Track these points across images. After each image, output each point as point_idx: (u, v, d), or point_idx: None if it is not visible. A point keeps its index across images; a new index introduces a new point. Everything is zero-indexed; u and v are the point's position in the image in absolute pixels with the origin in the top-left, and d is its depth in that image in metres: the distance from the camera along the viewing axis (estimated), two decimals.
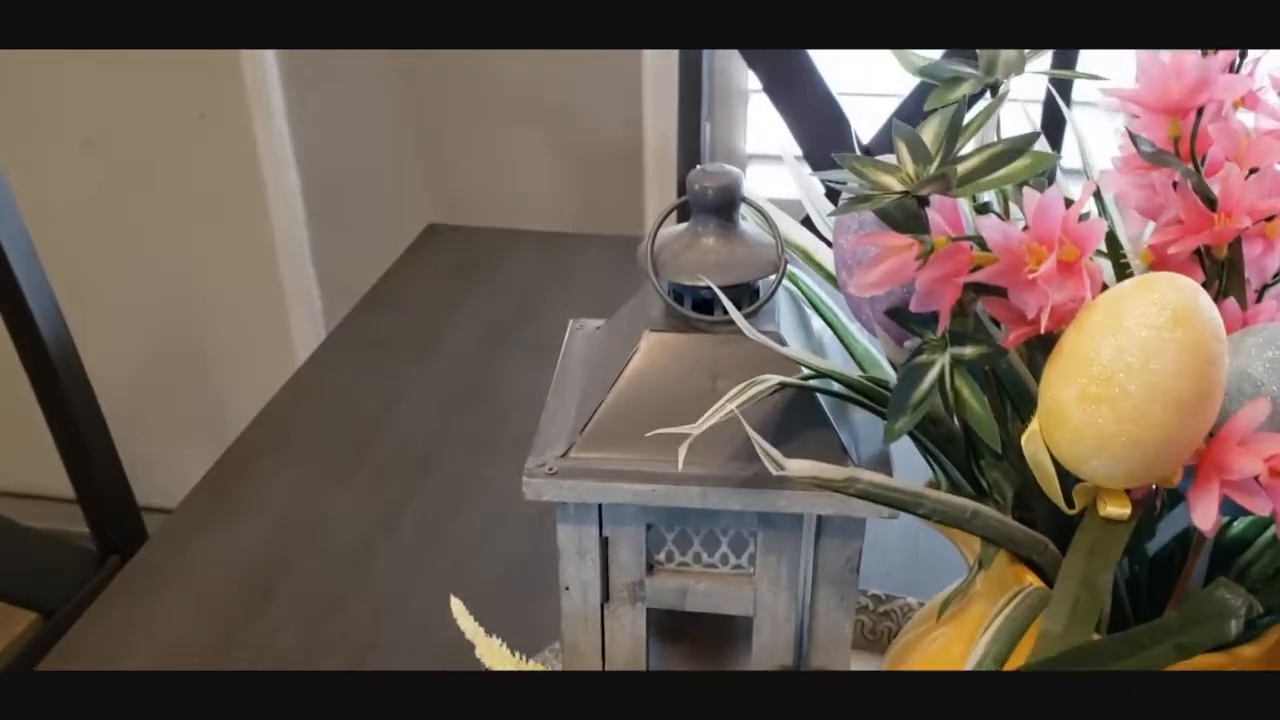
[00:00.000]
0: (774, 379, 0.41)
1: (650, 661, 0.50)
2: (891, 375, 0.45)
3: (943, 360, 0.38)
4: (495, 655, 0.47)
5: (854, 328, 0.49)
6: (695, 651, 0.51)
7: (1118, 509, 0.35)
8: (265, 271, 1.56)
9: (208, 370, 1.64)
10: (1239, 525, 0.43)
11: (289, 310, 1.57)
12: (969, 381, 0.37)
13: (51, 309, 1.01)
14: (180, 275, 1.60)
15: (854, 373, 0.44)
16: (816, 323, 0.50)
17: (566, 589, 0.48)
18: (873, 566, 0.74)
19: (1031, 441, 0.36)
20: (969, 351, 0.37)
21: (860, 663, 0.51)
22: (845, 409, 0.46)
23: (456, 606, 0.49)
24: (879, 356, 0.48)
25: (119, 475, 1.10)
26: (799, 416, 0.44)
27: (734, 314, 0.41)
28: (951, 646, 0.47)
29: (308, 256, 1.55)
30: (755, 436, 0.37)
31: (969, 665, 0.35)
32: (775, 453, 0.37)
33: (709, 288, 0.44)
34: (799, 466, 0.37)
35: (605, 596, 0.48)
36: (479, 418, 0.92)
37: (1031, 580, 0.40)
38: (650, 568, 0.47)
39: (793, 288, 0.50)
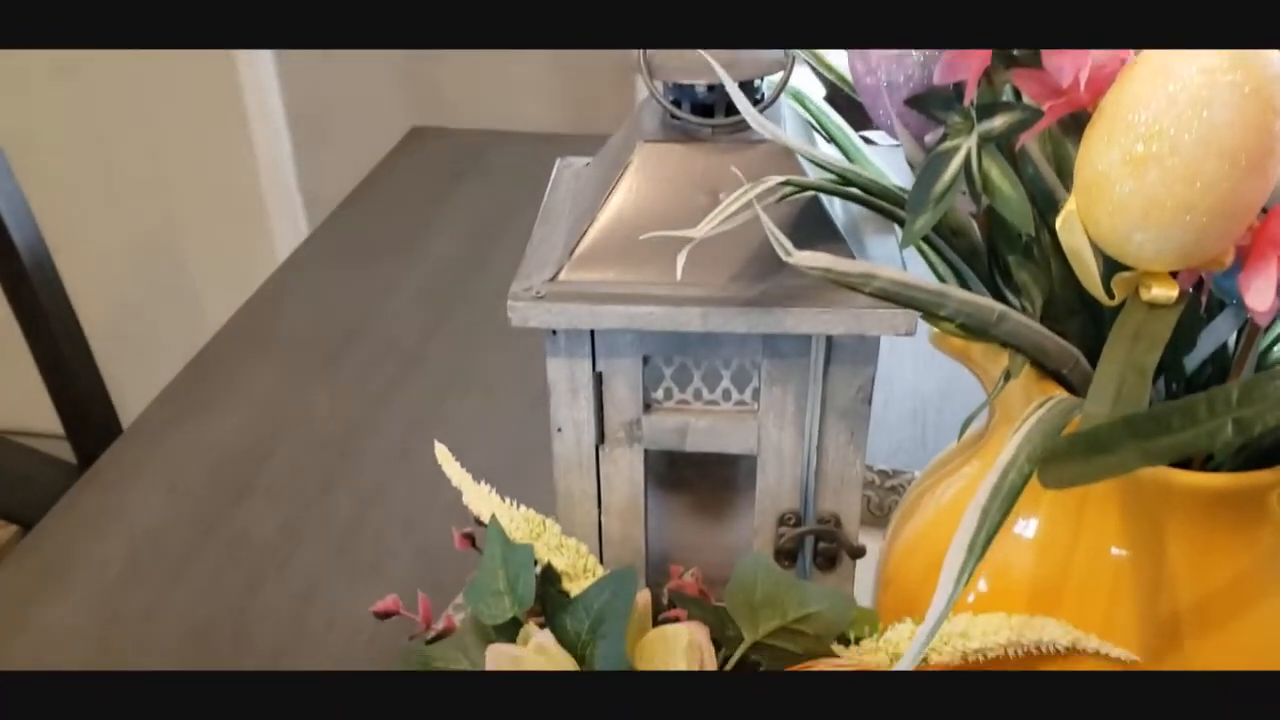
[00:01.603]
0: (781, 179, 0.37)
1: (649, 510, 0.47)
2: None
3: (969, 143, 0.34)
4: (483, 500, 0.44)
5: (865, 149, 0.46)
6: (696, 501, 0.48)
7: (1164, 290, 0.32)
8: (248, 191, 1.52)
9: (191, 294, 1.60)
10: None
11: (273, 232, 1.53)
12: (998, 161, 0.34)
13: (33, 233, 0.97)
14: (161, 198, 1.56)
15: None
16: (824, 148, 0.46)
17: (559, 430, 0.44)
18: (879, 444, 0.72)
19: (1067, 225, 0.33)
20: (999, 122, 0.33)
21: (866, 538, 0.48)
22: (856, 229, 0.43)
23: (441, 452, 0.46)
24: (891, 178, 0.44)
25: (102, 394, 1.06)
26: (807, 228, 0.40)
27: (743, 105, 0.38)
28: (969, 491, 0.44)
29: (291, 174, 1.50)
30: (765, 219, 0.34)
31: (997, 467, 0.32)
32: (784, 239, 0.34)
33: (708, 89, 0.40)
34: (811, 257, 0.34)
35: (600, 438, 0.44)
36: (466, 314, 0.89)
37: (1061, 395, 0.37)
38: (648, 406, 0.44)
39: (797, 108, 0.46)
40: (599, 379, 0.43)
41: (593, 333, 0.42)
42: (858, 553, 0.46)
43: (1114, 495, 0.38)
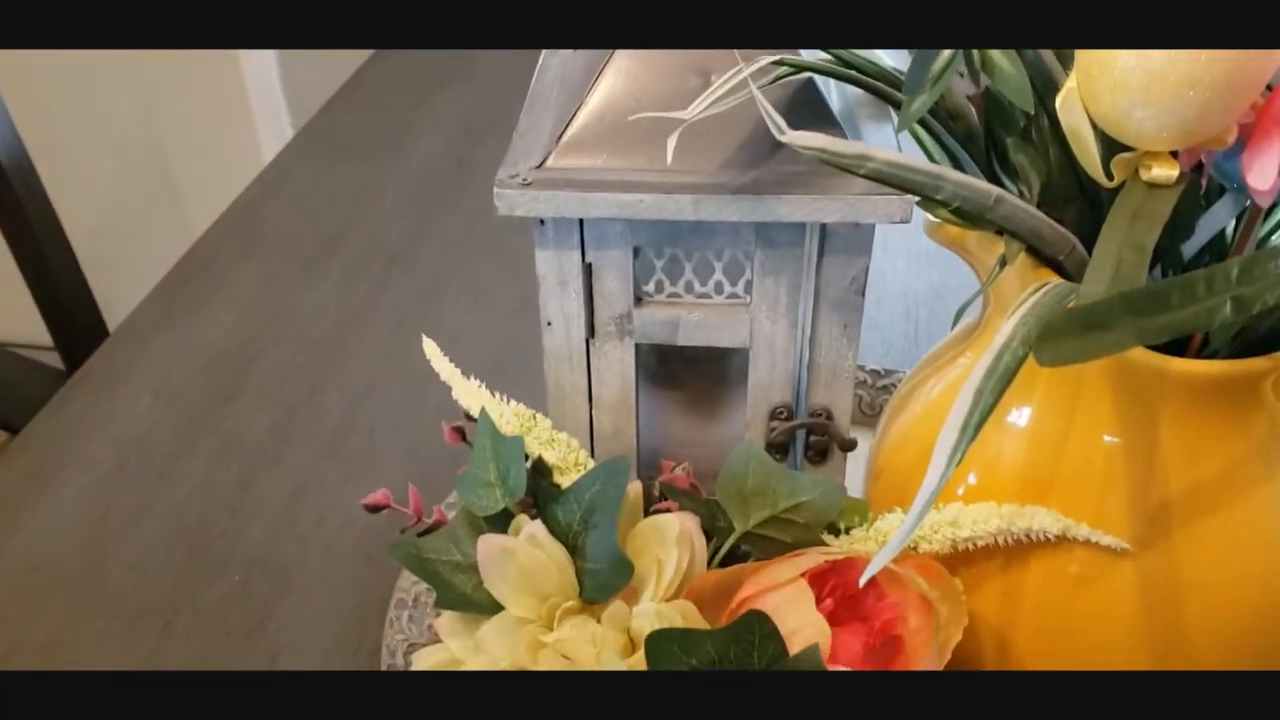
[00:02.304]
0: (775, 56, 0.36)
1: (640, 406, 0.46)
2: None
3: None
4: (473, 395, 0.44)
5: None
6: (688, 396, 0.48)
7: (1164, 169, 0.31)
8: (232, 90, 1.48)
9: (175, 197, 1.58)
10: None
11: (258, 132, 1.51)
12: None
13: (11, 138, 0.95)
14: (142, 98, 1.53)
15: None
16: None
17: (548, 324, 0.44)
18: (872, 344, 0.71)
19: (1067, 103, 0.32)
20: None
21: (858, 438, 0.48)
22: (852, 117, 0.42)
23: (430, 348, 0.45)
24: (888, 60, 0.43)
25: (88, 301, 1.05)
26: (802, 112, 0.39)
27: None
28: (963, 381, 0.43)
29: (275, 73, 1.47)
30: (760, 97, 0.33)
31: (992, 349, 0.32)
32: (778, 118, 0.33)
33: None
34: (805, 137, 0.33)
35: (591, 331, 0.44)
36: (454, 215, 0.87)
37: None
38: (639, 299, 0.43)
39: None
40: (588, 270, 0.42)
41: (581, 222, 0.41)
42: (849, 446, 0.45)
43: (1108, 382, 0.38)
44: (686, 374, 0.48)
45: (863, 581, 0.33)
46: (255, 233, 0.86)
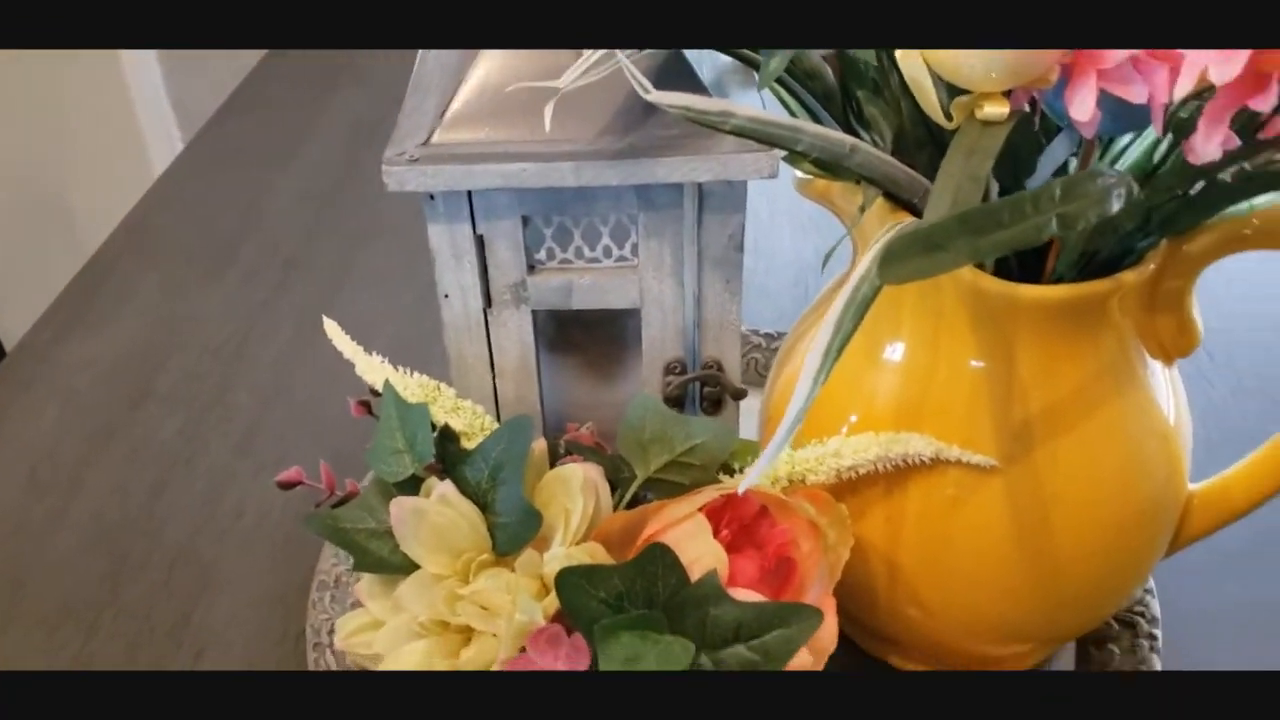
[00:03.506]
0: None
1: (542, 372, 0.48)
2: None
3: None
4: (377, 370, 0.46)
5: None
6: (587, 361, 0.50)
7: (995, 108, 0.34)
8: (118, 107, 1.47)
9: (65, 216, 1.56)
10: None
11: (147, 148, 1.49)
12: None
13: None
14: (28, 117, 1.50)
15: None
16: None
17: (445, 296, 0.46)
18: (763, 310, 0.75)
19: (907, 55, 0.35)
20: None
21: (752, 393, 0.51)
22: (721, 85, 0.44)
23: (331, 327, 0.47)
24: None
25: None
26: (671, 80, 0.42)
27: None
28: None
29: (161, 87, 1.46)
30: (625, 62, 0.35)
31: (851, 282, 0.34)
32: (644, 79, 0.35)
33: None
34: (670, 96, 0.35)
35: (487, 301, 0.46)
36: (350, 213, 0.88)
37: None
38: (531, 267, 0.46)
39: None
40: (480, 242, 0.44)
41: (470, 195, 0.43)
42: (740, 394, 0.48)
43: (966, 313, 0.41)
44: (584, 339, 0.50)
45: (741, 489, 0.36)
46: (151, 243, 0.86)
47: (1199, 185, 0.38)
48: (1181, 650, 0.53)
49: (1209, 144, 0.31)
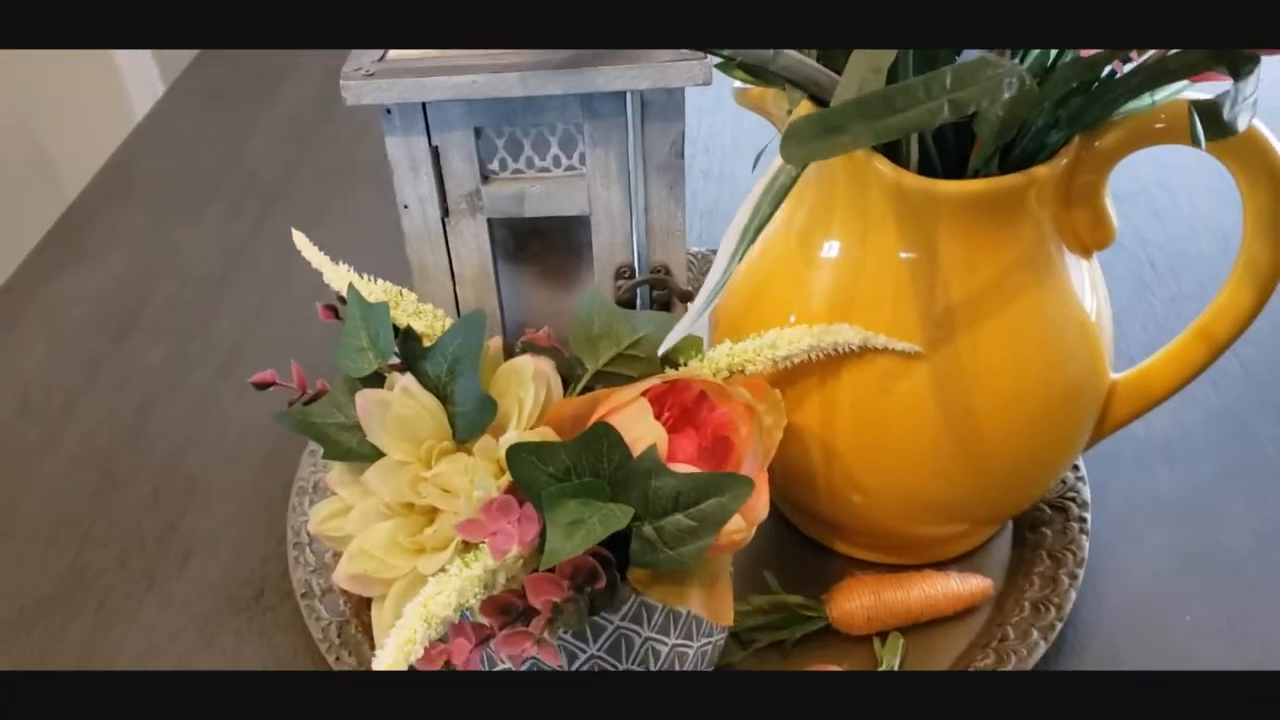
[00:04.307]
0: None
1: (501, 282, 0.51)
2: None
3: None
4: (342, 277, 0.48)
5: None
6: (544, 270, 0.53)
7: None
8: (102, 62, 1.48)
9: (50, 173, 1.57)
10: None
11: (129, 93, 1.50)
12: None
13: None
14: (8, 85, 1.51)
15: None
16: None
17: (405, 207, 0.48)
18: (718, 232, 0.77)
19: None
20: None
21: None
22: None
23: (298, 238, 0.50)
24: None
25: None
26: None
27: None
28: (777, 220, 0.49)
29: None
30: None
31: (769, 171, 0.37)
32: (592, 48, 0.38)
33: None
34: None
35: (444, 211, 0.49)
36: (326, 151, 0.91)
37: None
38: (485, 178, 0.48)
39: None
40: (436, 153, 0.47)
41: (425, 107, 0.46)
42: (686, 296, 0.51)
43: (891, 209, 0.44)
44: (540, 248, 0.53)
45: (663, 350, 0.39)
46: (134, 183, 0.89)
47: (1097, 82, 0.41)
48: (1111, 533, 0.56)
49: None
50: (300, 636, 0.53)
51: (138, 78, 1.50)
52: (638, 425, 0.42)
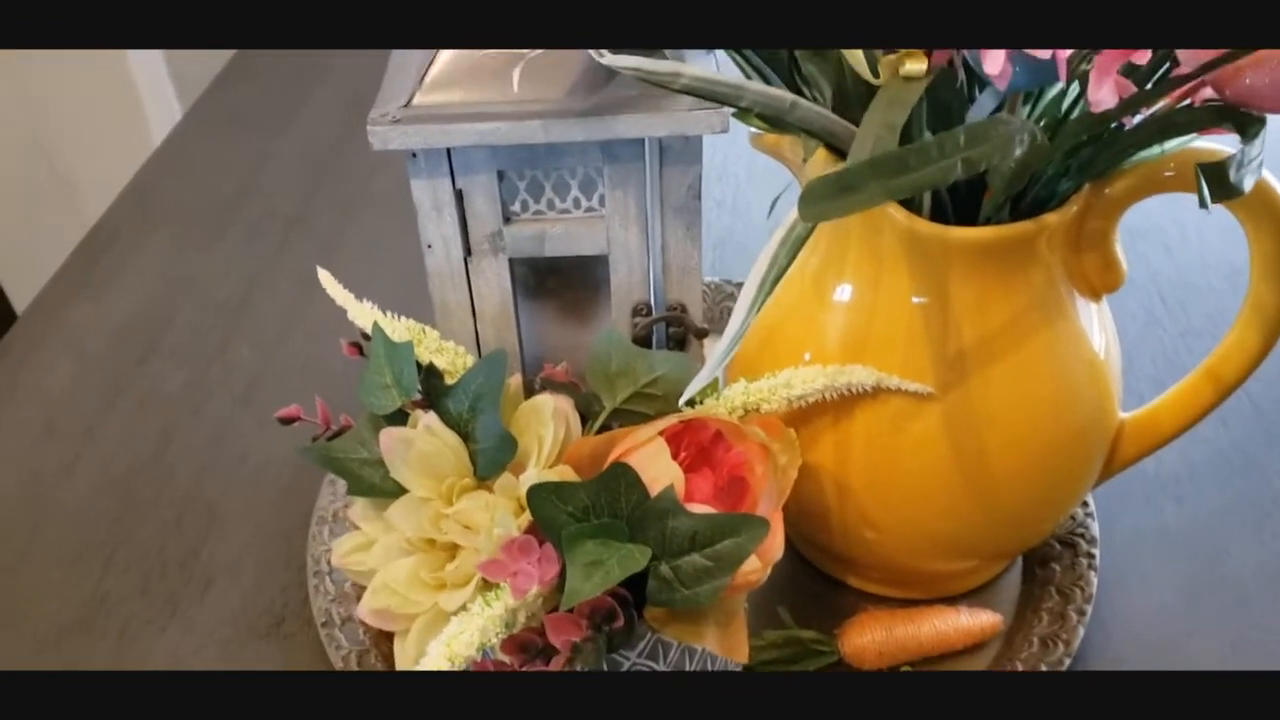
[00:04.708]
0: None
1: (520, 318, 0.52)
2: None
3: None
4: (366, 314, 0.49)
5: None
6: (562, 307, 0.54)
7: (914, 65, 0.38)
8: (117, 77, 1.50)
9: (71, 197, 1.59)
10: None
11: (147, 118, 1.52)
12: None
13: None
14: (28, 107, 1.53)
15: None
16: None
17: (429, 247, 0.50)
18: (739, 264, 0.78)
19: None
20: None
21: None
22: (680, 53, 0.48)
23: (324, 276, 0.51)
24: None
25: None
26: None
27: None
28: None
29: (159, 57, 1.49)
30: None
31: (785, 224, 0.38)
32: (600, 48, 0.39)
33: None
34: (622, 60, 0.39)
35: (467, 250, 0.50)
36: (346, 179, 0.92)
37: None
38: (507, 219, 0.49)
39: None
40: (459, 196, 0.48)
41: (449, 152, 0.47)
42: (702, 333, 0.52)
43: (903, 254, 0.45)
44: (559, 286, 0.54)
45: (684, 399, 0.40)
46: (154, 208, 0.90)
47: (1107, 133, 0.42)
48: (1119, 569, 0.57)
49: (1100, 91, 0.35)
50: (320, 664, 0.54)
51: (155, 99, 1.52)
52: (655, 465, 0.43)
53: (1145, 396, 0.53)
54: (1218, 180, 0.36)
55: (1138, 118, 0.42)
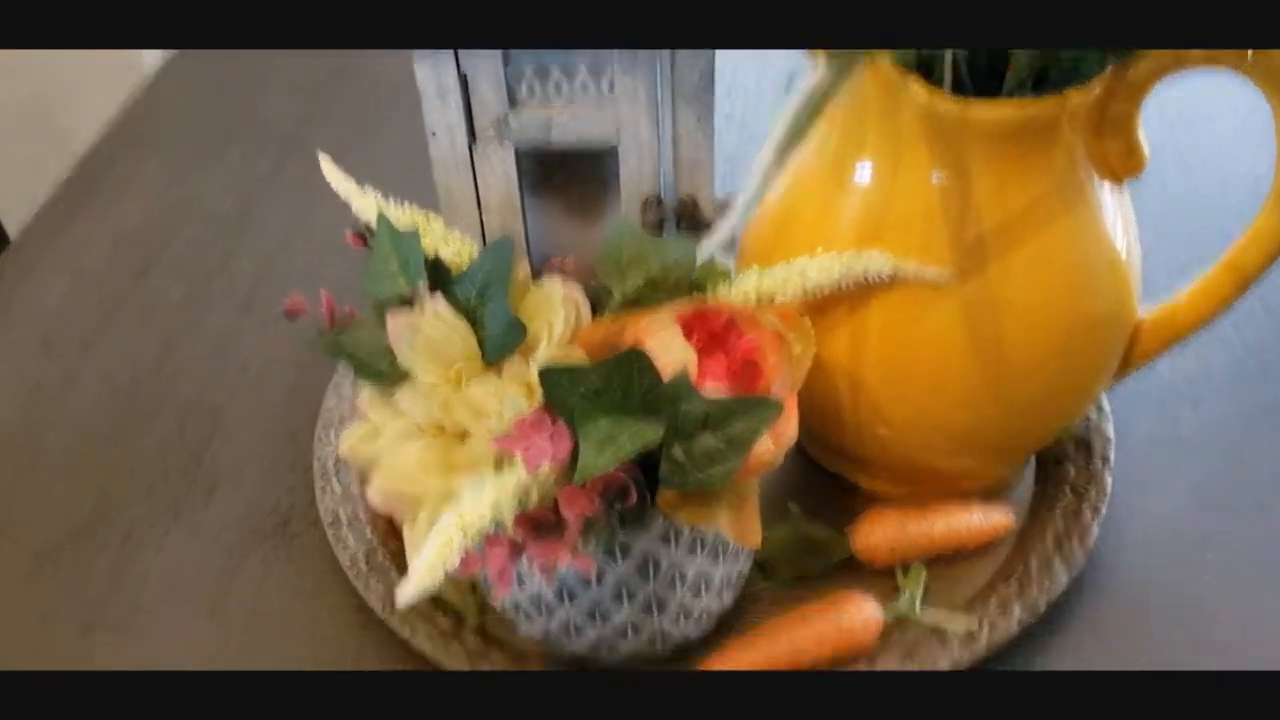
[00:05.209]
0: None
1: (527, 212, 0.51)
2: None
3: None
4: (370, 204, 0.48)
5: None
6: (570, 202, 0.53)
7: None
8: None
9: (63, 124, 1.57)
10: None
11: (143, 62, 1.50)
12: None
13: None
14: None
15: None
16: None
17: (433, 134, 0.48)
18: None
19: None
20: None
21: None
22: None
23: (326, 164, 0.50)
24: None
25: None
26: None
27: None
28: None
29: None
30: None
31: (808, 84, 0.37)
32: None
33: None
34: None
35: (472, 137, 0.48)
36: (345, 100, 0.90)
37: None
38: (513, 103, 0.48)
39: None
40: (464, 81, 0.47)
41: None
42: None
43: (923, 132, 0.44)
44: (566, 182, 0.53)
45: (701, 258, 0.39)
46: (150, 131, 0.88)
47: None
48: (1134, 473, 0.56)
49: None
50: (327, 565, 0.54)
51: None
52: (668, 348, 0.42)
53: (1161, 298, 0.52)
54: None
55: None
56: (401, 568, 0.52)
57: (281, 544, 0.55)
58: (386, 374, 0.45)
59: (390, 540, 0.53)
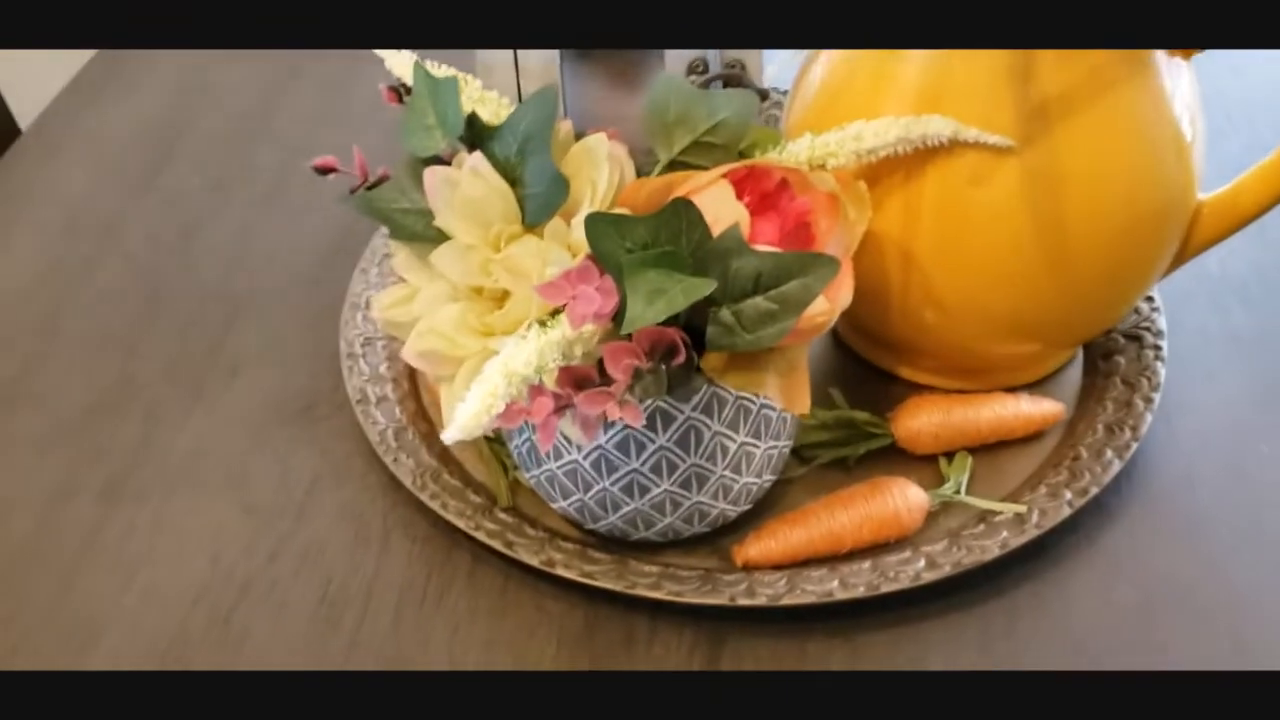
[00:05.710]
0: None
1: (567, 83, 0.49)
2: None
3: None
4: (405, 63, 0.47)
5: None
6: (612, 71, 0.51)
7: None
8: None
9: None
10: None
11: None
12: None
13: None
14: None
15: None
16: None
17: None
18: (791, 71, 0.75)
19: None
20: None
21: None
22: None
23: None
24: None
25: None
26: None
27: None
28: None
29: None
30: None
31: None
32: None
33: None
34: None
35: None
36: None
37: None
38: None
39: None
40: None
41: None
42: (763, 95, 0.49)
43: None
44: (608, 52, 0.51)
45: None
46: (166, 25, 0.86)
47: None
48: (1185, 366, 0.54)
49: None
50: (355, 446, 0.52)
51: None
52: (719, 205, 0.40)
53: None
54: None
55: None
56: (433, 447, 0.51)
57: (307, 426, 0.54)
58: (422, 235, 0.43)
59: (419, 422, 0.52)
